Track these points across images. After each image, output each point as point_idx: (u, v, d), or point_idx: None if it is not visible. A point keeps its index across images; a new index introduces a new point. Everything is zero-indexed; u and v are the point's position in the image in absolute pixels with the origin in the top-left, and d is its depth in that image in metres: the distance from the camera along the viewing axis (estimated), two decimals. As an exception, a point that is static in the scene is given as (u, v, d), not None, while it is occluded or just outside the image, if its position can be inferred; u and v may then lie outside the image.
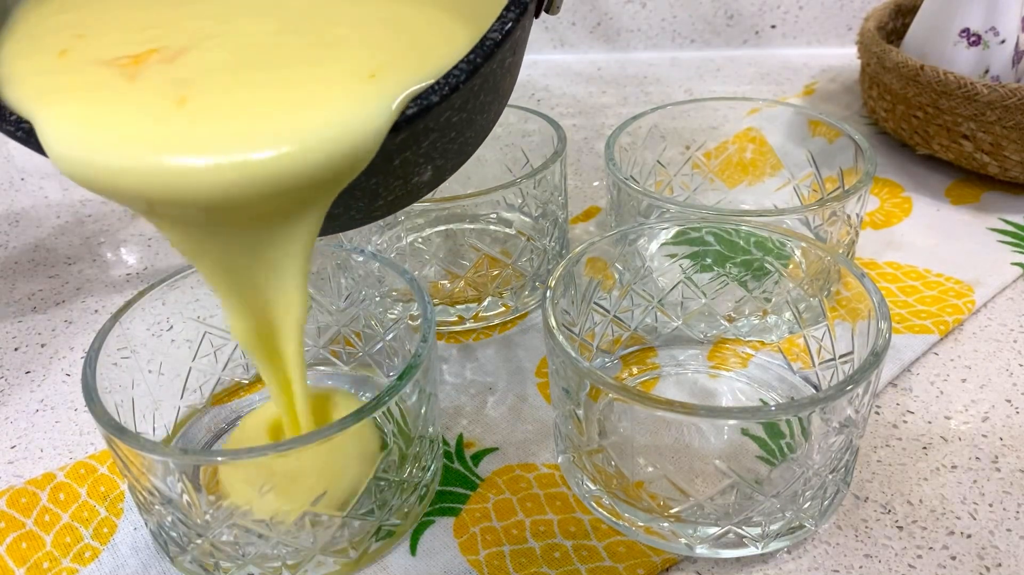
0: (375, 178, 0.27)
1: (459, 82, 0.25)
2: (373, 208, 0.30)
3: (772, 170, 0.49)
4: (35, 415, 0.40)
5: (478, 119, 0.29)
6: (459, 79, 0.25)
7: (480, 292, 0.43)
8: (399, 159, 0.27)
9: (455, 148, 0.30)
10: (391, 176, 0.28)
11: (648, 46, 0.78)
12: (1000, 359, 0.40)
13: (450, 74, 0.25)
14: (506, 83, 0.30)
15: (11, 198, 0.60)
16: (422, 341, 0.31)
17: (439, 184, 0.32)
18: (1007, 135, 0.48)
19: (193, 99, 0.24)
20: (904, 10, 0.61)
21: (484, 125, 0.31)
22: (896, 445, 0.36)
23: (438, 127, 0.27)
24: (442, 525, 0.33)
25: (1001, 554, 0.31)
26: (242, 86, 0.25)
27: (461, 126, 0.28)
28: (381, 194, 0.29)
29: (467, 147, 0.31)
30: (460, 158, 0.31)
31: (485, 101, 0.29)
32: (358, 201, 0.28)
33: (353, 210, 0.29)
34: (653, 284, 0.39)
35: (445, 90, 0.25)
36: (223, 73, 0.25)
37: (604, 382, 0.29)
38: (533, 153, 0.48)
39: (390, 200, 0.30)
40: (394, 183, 0.28)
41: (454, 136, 0.28)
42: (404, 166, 0.28)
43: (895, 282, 0.45)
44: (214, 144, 0.23)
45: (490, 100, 0.29)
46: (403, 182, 0.29)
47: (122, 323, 0.33)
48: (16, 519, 0.34)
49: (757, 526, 0.30)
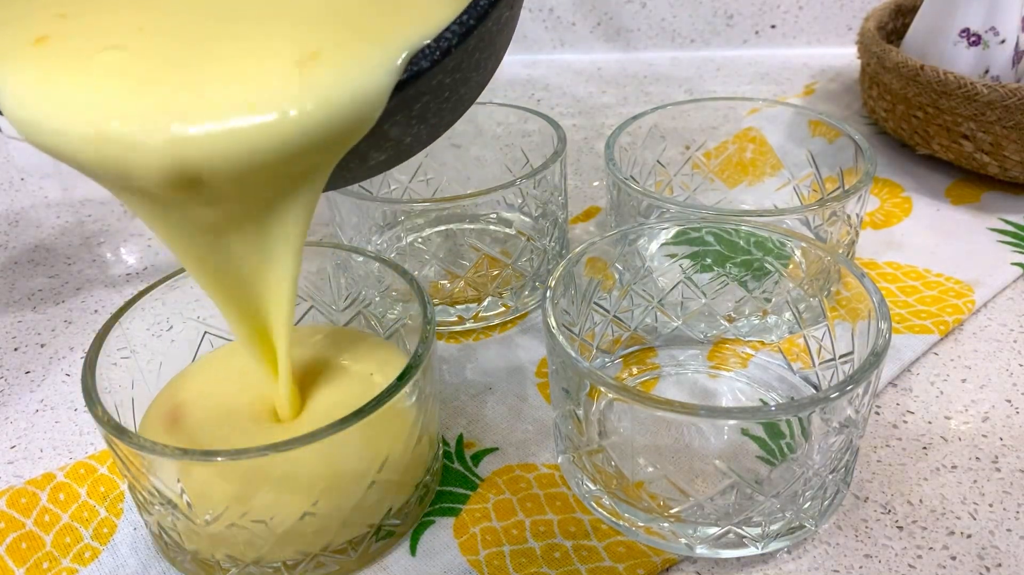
0: (367, 142, 0.26)
1: (451, 45, 0.24)
2: (365, 168, 0.29)
3: (772, 170, 0.49)
4: (35, 415, 0.40)
5: (473, 76, 0.28)
6: (451, 42, 0.24)
7: (480, 292, 0.43)
8: (390, 123, 0.26)
9: (449, 107, 0.28)
10: (384, 139, 0.27)
11: (648, 46, 0.78)
12: (1000, 359, 0.40)
13: (441, 37, 0.24)
14: (503, 38, 0.29)
15: (11, 198, 0.60)
16: (422, 341, 0.31)
17: (428, 143, 0.30)
18: (1007, 135, 0.48)
19: (189, 63, 0.23)
20: (904, 10, 0.61)
21: (480, 81, 0.29)
22: (896, 445, 0.36)
23: (430, 90, 0.26)
24: (442, 525, 0.33)
25: (1001, 554, 0.31)
26: (234, 51, 0.24)
27: (455, 86, 0.27)
28: (373, 156, 0.28)
29: (461, 104, 0.29)
30: (454, 115, 0.30)
31: (480, 59, 0.27)
32: (349, 163, 0.27)
33: (345, 171, 0.28)
34: (653, 284, 0.39)
35: (436, 55, 0.24)
36: (214, 40, 0.24)
37: (604, 382, 0.29)
38: (533, 153, 0.48)
39: (382, 160, 0.29)
40: (386, 144, 0.27)
41: (448, 96, 0.27)
42: (396, 128, 0.26)
43: (895, 282, 0.45)
44: (221, 108, 0.22)
45: (486, 57, 0.28)
46: (395, 143, 0.28)
47: (122, 323, 0.33)
48: (16, 519, 0.34)
49: (757, 526, 0.30)
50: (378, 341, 0.37)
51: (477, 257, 0.43)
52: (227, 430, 0.31)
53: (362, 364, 0.35)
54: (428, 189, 0.51)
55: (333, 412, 0.28)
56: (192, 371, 0.35)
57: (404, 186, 0.50)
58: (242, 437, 0.31)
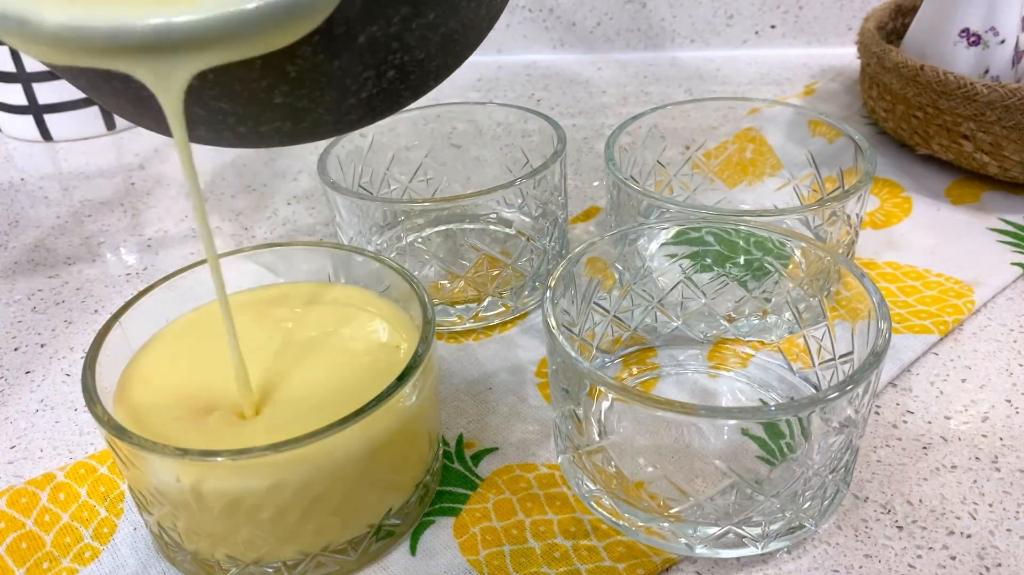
0: (339, 60, 0.24)
1: None
2: (344, 107, 0.27)
3: (772, 170, 0.49)
4: (35, 415, 0.40)
5: (463, 5, 0.26)
6: None
7: (480, 292, 0.43)
8: (365, 36, 0.24)
9: (436, 40, 0.26)
10: (358, 60, 0.25)
11: (648, 46, 0.78)
12: (1000, 359, 0.40)
13: None
14: None
15: (11, 198, 0.60)
16: (422, 341, 0.31)
17: (420, 91, 0.28)
18: (1007, 135, 0.48)
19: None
20: (904, 10, 0.61)
21: (472, 19, 0.27)
22: (896, 445, 0.36)
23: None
24: (442, 525, 0.33)
25: (1001, 554, 0.31)
26: None
27: (440, 6, 0.25)
28: (350, 87, 0.26)
29: (450, 44, 0.27)
30: (443, 58, 0.28)
31: None
32: (325, 92, 0.25)
33: (321, 106, 0.26)
34: (653, 284, 0.39)
35: None
36: None
37: (604, 382, 0.29)
38: (533, 153, 0.48)
39: (363, 98, 0.27)
40: (364, 73, 0.26)
41: (433, 19, 0.25)
42: (373, 48, 0.25)
43: (895, 282, 0.45)
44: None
45: None
46: (375, 73, 0.26)
47: (122, 323, 0.33)
48: (16, 519, 0.34)
49: (757, 526, 0.30)
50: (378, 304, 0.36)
51: (477, 257, 0.43)
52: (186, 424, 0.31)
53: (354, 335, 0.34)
54: (428, 189, 0.51)
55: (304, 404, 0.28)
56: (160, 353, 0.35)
57: (404, 186, 0.50)
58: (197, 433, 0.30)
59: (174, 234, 0.54)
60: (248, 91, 0.25)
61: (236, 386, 0.31)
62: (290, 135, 0.27)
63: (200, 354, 0.34)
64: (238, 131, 0.27)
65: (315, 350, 0.34)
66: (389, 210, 0.44)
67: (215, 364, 0.33)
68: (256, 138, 0.27)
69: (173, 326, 0.35)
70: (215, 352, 0.34)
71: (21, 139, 0.68)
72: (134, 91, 0.24)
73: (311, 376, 0.33)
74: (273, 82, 0.25)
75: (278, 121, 0.27)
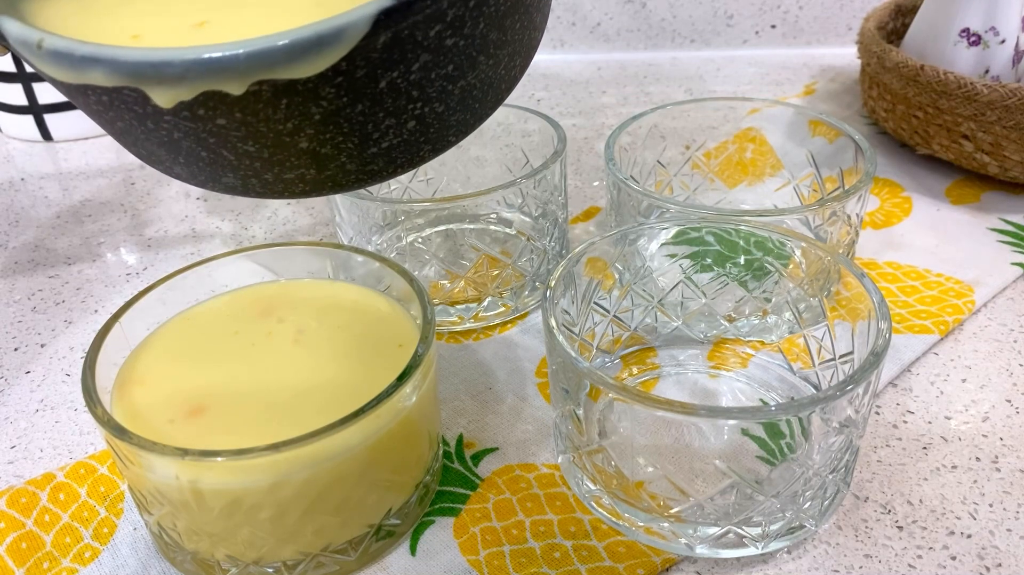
0: (361, 103, 0.25)
1: None
2: (366, 155, 0.28)
3: (772, 170, 0.49)
4: (35, 415, 0.40)
5: (480, 60, 0.27)
6: None
7: (480, 292, 0.43)
8: (386, 80, 0.25)
9: (455, 92, 0.28)
10: (379, 106, 0.26)
11: (648, 46, 0.78)
12: (1000, 359, 0.40)
13: None
14: (513, 24, 0.28)
15: (11, 198, 0.60)
16: (422, 341, 0.31)
17: (440, 146, 0.30)
18: (1007, 135, 0.48)
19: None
20: (904, 10, 0.61)
21: (490, 77, 0.29)
22: (896, 445, 0.36)
23: (429, 44, 0.25)
24: (442, 525, 0.33)
25: (1001, 554, 0.31)
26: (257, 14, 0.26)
27: (459, 58, 0.26)
28: (372, 134, 0.27)
29: (469, 100, 0.29)
30: (462, 114, 0.29)
31: (487, 35, 0.27)
32: (347, 138, 0.26)
33: (344, 153, 0.27)
34: (653, 284, 0.39)
35: None
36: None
37: (604, 382, 0.29)
38: (533, 153, 0.48)
39: (384, 148, 0.28)
40: (385, 120, 0.27)
41: (452, 71, 0.27)
42: (394, 94, 0.26)
43: (895, 282, 0.45)
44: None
45: (494, 39, 0.27)
46: (396, 121, 0.27)
47: (122, 323, 0.33)
48: (16, 519, 0.34)
49: (757, 526, 0.30)
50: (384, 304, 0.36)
51: (477, 257, 0.43)
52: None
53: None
54: (428, 189, 0.51)
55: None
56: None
57: (404, 186, 0.50)
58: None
59: (174, 234, 0.54)
60: (274, 133, 0.26)
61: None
62: (314, 183, 0.28)
63: (199, 353, 0.34)
64: (264, 178, 0.28)
65: (315, 350, 0.34)
66: (389, 210, 0.44)
67: (214, 363, 0.33)
68: (282, 186, 0.28)
69: (171, 325, 0.35)
70: (214, 351, 0.34)
71: (21, 139, 0.68)
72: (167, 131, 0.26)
73: (311, 376, 0.33)
74: (298, 124, 0.25)
75: (302, 168, 0.27)
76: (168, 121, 0.25)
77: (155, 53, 0.23)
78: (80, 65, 0.24)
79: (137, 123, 0.26)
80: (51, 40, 0.24)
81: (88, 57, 0.24)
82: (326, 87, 0.24)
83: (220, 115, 0.25)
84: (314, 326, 0.35)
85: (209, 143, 0.26)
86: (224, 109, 0.24)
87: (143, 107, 0.25)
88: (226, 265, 0.37)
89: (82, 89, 0.25)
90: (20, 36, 0.25)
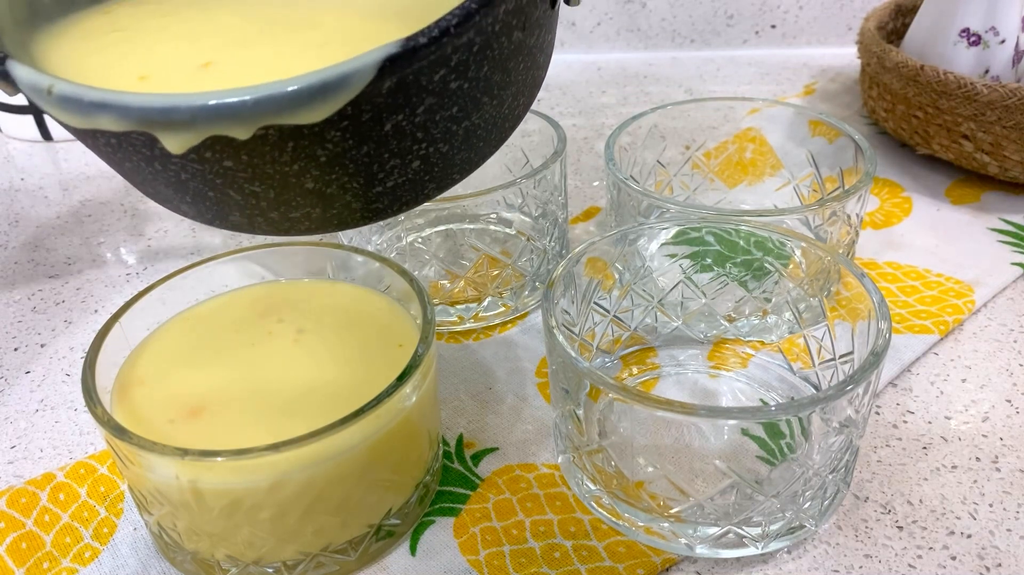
0: (366, 146, 0.26)
1: (450, 25, 0.24)
2: (371, 195, 0.28)
3: (772, 170, 0.49)
4: (35, 415, 0.40)
5: (484, 101, 0.28)
6: (450, 23, 0.24)
7: (480, 292, 0.43)
8: (391, 123, 0.26)
9: (460, 133, 0.28)
10: (384, 148, 0.26)
11: (648, 46, 0.78)
12: (1000, 359, 0.40)
13: (441, 18, 0.24)
14: (517, 65, 0.29)
15: (11, 198, 0.60)
16: (422, 341, 0.31)
17: (444, 184, 0.30)
18: (1007, 135, 0.48)
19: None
20: (904, 10, 0.61)
21: (494, 117, 0.29)
22: (896, 445, 0.36)
23: (433, 88, 0.26)
24: (442, 525, 0.33)
25: (1001, 554, 0.31)
26: (261, 55, 0.27)
27: (463, 101, 0.27)
28: (377, 175, 0.27)
29: (474, 139, 0.29)
30: (467, 153, 0.30)
31: (490, 78, 0.27)
32: (353, 178, 0.27)
33: (349, 192, 0.27)
34: (653, 284, 0.39)
35: (434, 32, 0.24)
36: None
37: (604, 382, 0.29)
38: (533, 153, 0.48)
39: (389, 187, 0.28)
40: (390, 161, 0.27)
41: (456, 113, 0.27)
42: (398, 136, 0.26)
43: (895, 282, 0.45)
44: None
45: (498, 80, 0.28)
46: (400, 162, 0.27)
47: (122, 323, 0.33)
48: (16, 519, 0.34)
49: (757, 526, 0.30)
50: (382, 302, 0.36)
51: (477, 257, 0.43)
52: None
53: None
54: (428, 189, 0.50)
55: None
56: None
57: (404, 186, 0.50)
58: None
59: (174, 234, 0.54)
60: (280, 174, 0.26)
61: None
62: (319, 221, 0.29)
63: (199, 353, 0.34)
64: (270, 217, 0.28)
65: (315, 350, 0.34)
66: (389, 210, 0.44)
67: (214, 363, 0.33)
68: (287, 224, 0.29)
69: (171, 325, 0.35)
70: (214, 351, 0.34)
71: (21, 139, 0.68)
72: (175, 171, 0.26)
73: (311, 376, 0.32)
74: (304, 166, 0.26)
75: (308, 207, 0.28)
76: (176, 163, 0.25)
77: (163, 99, 0.23)
78: (89, 111, 0.24)
79: (145, 164, 0.26)
80: (60, 86, 0.24)
81: (97, 103, 0.24)
82: (332, 131, 0.25)
83: (227, 158, 0.25)
84: (314, 326, 0.35)
85: (216, 184, 0.26)
86: (231, 152, 0.25)
87: (151, 150, 0.25)
88: (226, 265, 0.37)
89: (91, 132, 0.25)
90: (30, 82, 0.25)
